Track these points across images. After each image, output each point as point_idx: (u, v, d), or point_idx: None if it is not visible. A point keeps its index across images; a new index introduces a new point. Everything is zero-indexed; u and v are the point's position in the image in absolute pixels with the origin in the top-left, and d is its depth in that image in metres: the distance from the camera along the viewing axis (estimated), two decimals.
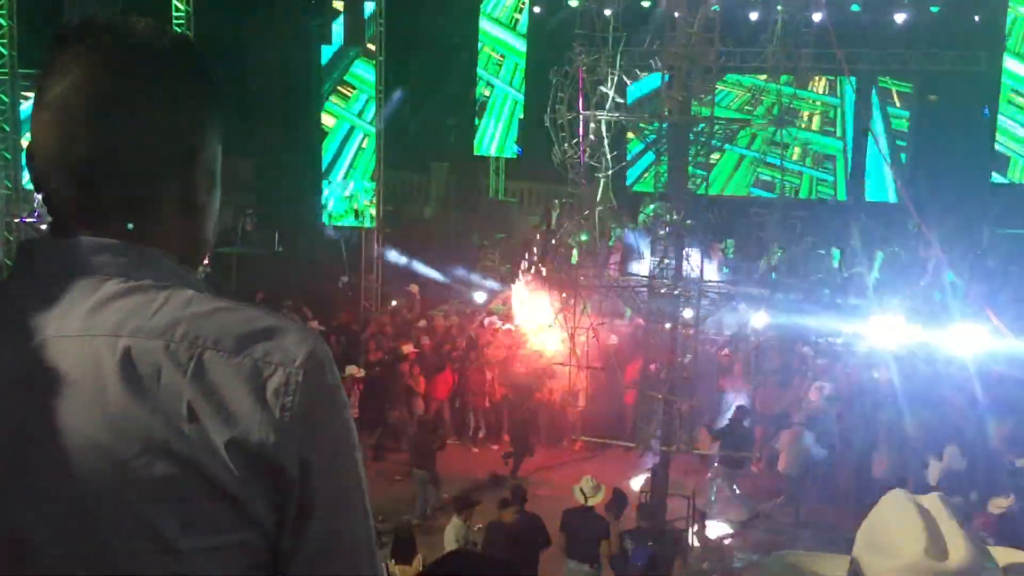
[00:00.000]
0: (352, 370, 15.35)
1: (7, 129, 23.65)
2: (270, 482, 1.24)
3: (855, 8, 22.24)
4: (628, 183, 22.59)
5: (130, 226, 1.34)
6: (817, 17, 14.72)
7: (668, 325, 12.57)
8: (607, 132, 12.74)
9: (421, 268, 23.39)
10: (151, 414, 1.21)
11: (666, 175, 12.72)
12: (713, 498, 13.92)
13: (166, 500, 1.21)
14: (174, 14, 21.46)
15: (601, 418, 16.36)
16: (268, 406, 1.23)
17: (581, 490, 10.99)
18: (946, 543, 1.51)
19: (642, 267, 14.94)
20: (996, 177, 22.68)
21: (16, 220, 20.12)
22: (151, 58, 1.34)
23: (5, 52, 22.93)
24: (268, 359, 1.25)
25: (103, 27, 1.35)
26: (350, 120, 22.72)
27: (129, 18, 1.37)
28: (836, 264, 23.81)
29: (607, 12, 13.31)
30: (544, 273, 15.92)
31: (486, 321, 19.45)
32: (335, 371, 1.32)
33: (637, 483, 13.77)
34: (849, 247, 23.64)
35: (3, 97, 23.34)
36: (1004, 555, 1.57)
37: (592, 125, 12.56)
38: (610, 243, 18.14)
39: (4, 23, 22.74)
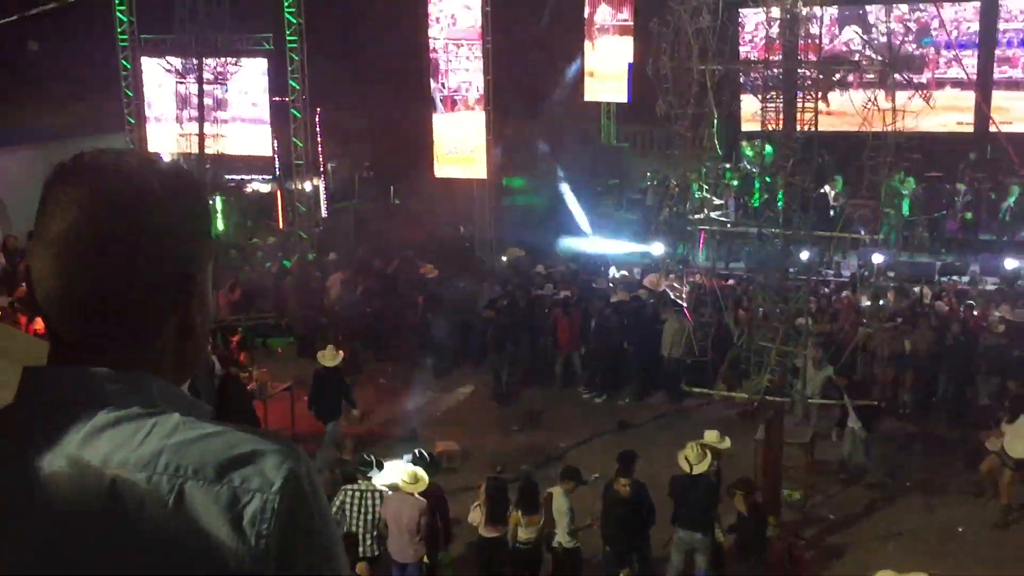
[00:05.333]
0: None
1: (130, 95, 24.44)
2: None
3: None
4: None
5: (127, 352, 1.42)
6: None
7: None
8: (712, 81, 12.40)
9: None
10: (138, 552, 1.29)
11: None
12: None
13: None
14: None
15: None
16: (245, 534, 1.29)
17: (686, 458, 10.52)
18: None
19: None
20: None
21: None
22: (143, 197, 1.40)
23: (125, 19, 23.64)
24: (246, 486, 1.30)
25: (98, 167, 1.42)
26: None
27: (123, 156, 1.44)
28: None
29: None
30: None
31: None
32: (316, 489, 1.37)
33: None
34: (976, 181, 22.72)
35: (125, 63, 24.10)
36: None
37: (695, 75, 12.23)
38: (719, 190, 17.80)
39: None
